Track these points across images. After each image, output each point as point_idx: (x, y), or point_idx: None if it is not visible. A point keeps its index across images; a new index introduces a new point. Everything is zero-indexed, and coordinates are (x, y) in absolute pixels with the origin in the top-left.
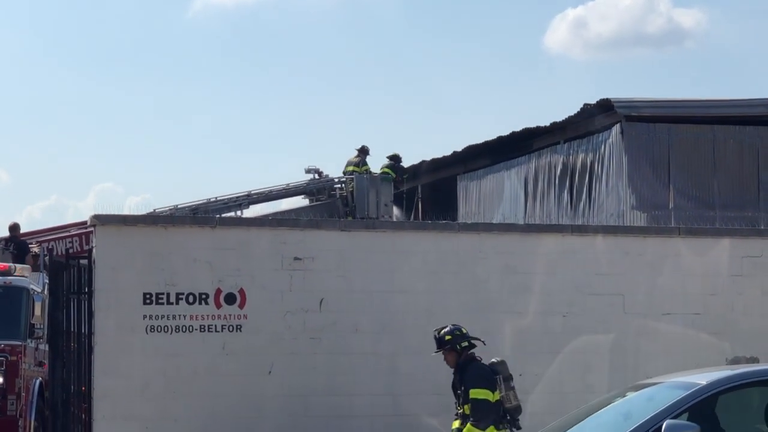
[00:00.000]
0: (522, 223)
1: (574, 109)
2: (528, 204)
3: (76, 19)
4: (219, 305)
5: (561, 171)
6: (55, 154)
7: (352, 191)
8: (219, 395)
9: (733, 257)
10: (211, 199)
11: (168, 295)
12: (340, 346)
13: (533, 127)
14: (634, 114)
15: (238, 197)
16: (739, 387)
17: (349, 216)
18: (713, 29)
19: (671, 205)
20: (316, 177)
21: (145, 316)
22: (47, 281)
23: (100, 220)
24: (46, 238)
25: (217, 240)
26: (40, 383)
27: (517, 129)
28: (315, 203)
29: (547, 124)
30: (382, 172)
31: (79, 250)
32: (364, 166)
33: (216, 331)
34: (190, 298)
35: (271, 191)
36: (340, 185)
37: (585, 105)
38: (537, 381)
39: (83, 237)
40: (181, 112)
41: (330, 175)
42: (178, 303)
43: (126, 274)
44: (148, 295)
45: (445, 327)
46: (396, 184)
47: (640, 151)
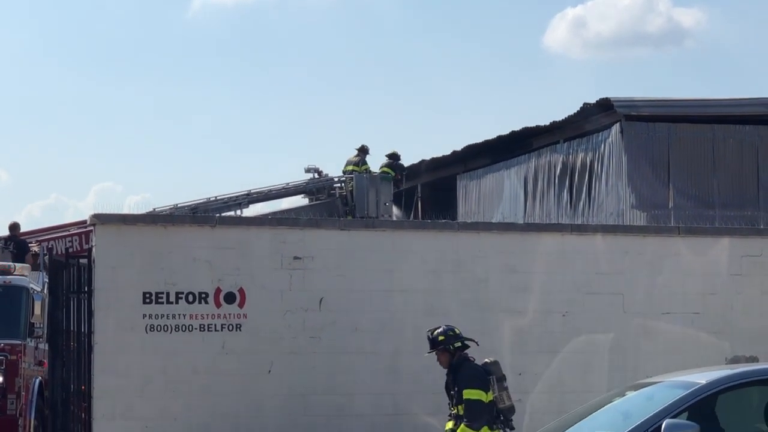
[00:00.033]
0: (521, 222)
1: (573, 108)
2: (527, 203)
3: (76, 19)
4: (219, 304)
5: (560, 170)
6: (54, 154)
7: (351, 190)
8: (219, 394)
9: (732, 256)
10: (211, 199)
11: (168, 294)
12: (339, 345)
13: (533, 127)
14: (633, 113)
15: (238, 196)
16: (739, 386)
17: (349, 215)
18: (713, 29)
19: (671, 204)
20: (316, 176)
21: (144, 315)
22: (47, 280)
23: (100, 220)
24: (46, 237)
25: (217, 239)
26: (40, 382)
27: (517, 128)
28: (315, 202)
29: (547, 123)
30: (382, 172)
31: (78, 249)
32: (364, 166)
33: (216, 330)
34: (190, 298)
35: (270, 190)
36: (339, 184)
37: (584, 104)
38: (536, 380)
39: (83, 236)
40: (181, 112)
41: (330, 175)
42: (177, 302)
43: (126, 273)
44: (147, 295)
45: (438, 327)
46: (396, 182)
47: (640, 150)
